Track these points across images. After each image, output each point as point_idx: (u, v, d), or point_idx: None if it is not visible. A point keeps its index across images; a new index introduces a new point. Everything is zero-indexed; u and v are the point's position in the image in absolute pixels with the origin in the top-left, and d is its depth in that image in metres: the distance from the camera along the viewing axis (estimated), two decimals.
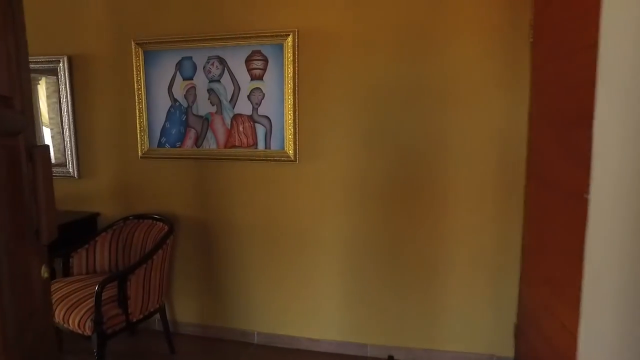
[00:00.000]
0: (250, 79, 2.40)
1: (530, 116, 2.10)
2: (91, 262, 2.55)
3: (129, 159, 2.72)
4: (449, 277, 2.34)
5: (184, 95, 2.53)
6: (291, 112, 2.36)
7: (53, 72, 2.73)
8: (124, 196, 2.78)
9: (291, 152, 2.40)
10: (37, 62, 2.73)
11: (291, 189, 2.47)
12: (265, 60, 2.36)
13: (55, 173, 2.86)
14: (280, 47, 2.33)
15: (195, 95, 2.51)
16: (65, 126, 2.77)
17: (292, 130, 2.37)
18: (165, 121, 2.59)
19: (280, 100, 2.37)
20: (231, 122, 2.47)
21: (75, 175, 2.82)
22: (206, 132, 2.52)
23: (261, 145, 2.44)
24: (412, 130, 2.28)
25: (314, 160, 2.41)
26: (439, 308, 2.37)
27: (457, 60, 2.19)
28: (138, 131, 2.64)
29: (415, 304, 2.40)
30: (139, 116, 2.62)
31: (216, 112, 2.49)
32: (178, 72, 2.51)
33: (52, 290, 2.22)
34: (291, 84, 2.33)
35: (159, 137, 2.62)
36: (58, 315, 2.08)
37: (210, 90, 2.48)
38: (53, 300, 2.14)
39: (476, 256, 2.30)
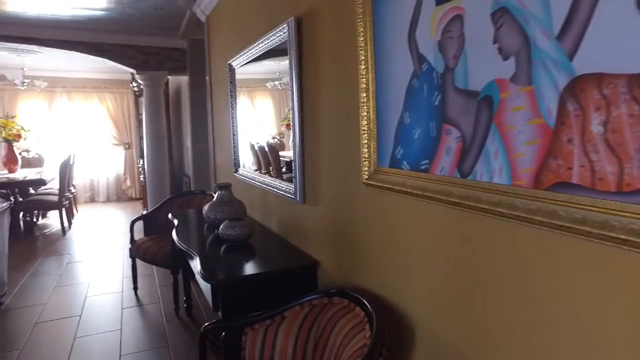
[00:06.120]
0: None
1: None
2: (268, 350, 1.53)
3: (351, 184, 1.50)
4: None
5: (438, 42, 1.03)
6: None
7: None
8: (342, 246, 1.60)
9: None
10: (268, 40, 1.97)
11: None
12: None
13: (283, 192, 2.05)
14: None
15: (462, 39, 0.96)
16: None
17: None
18: (404, 110, 1.18)
19: None
20: (559, 105, 0.76)
21: (298, 199, 1.89)
22: (484, 138, 0.93)
23: None
24: None
25: None
26: None
27: None
28: (362, 131, 1.36)
29: None
30: (363, 102, 1.34)
31: (512, 78, 0.85)
32: None
33: None
34: None
35: (392, 146, 1.25)
36: None
37: (498, 16, 0.86)
38: None
39: None
